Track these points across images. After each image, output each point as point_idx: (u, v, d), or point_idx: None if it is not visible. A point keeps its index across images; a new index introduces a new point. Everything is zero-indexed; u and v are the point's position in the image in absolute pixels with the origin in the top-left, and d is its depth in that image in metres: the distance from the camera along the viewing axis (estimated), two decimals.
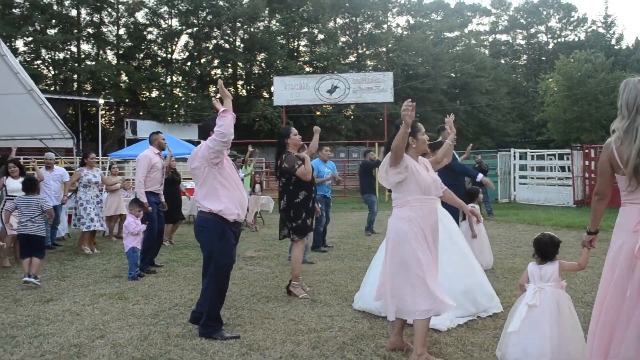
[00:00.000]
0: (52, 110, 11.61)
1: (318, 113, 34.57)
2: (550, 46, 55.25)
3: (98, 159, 11.05)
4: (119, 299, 5.73)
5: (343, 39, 43.52)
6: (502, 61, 55.00)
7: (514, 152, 18.76)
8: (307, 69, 37.71)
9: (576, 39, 52.88)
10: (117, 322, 4.89)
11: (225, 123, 4.24)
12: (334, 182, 9.29)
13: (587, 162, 16.81)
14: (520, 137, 46.29)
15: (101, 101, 24.36)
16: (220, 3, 35.45)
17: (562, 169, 17.88)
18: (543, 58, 55.28)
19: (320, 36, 39.47)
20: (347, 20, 43.33)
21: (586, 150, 16.99)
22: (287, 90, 22.22)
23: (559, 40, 55.27)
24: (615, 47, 48.54)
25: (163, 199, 7.69)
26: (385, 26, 45.98)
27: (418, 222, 3.75)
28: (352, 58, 42.89)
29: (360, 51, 44.28)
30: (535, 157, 19.08)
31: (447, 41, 48.09)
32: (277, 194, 6.22)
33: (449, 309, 3.74)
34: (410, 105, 3.55)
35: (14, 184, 7.95)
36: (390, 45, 43.57)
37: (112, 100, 28.65)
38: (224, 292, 4.57)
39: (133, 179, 12.40)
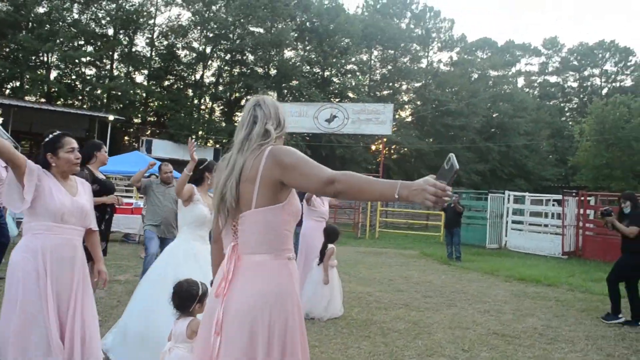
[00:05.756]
0: None
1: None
2: (605, 91, 52.69)
3: None
4: None
5: (378, 71, 43.13)
6: (551, 103, 52.96)
7: (509, 195, 17.43)
8: (335, 101, 37.38)
9: (633, 84, 50.22)
10: None
11: None
12: None
13: (582, 210, 15.34)
14: (562, 182, 43.92)
15: (111, 117, 24.76)
16: (252, 29, 35.86)
17: (559, 216, 16.38)
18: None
19: (350, 67, 39.09)
20: (380, 52, 42.91)
21: (582, 198, 15.52)
22: (286, 117, 21.74)
23: (614, 84, 52.75)
24: None
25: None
26: (424, 61, 45.28)
27: (38, 255, 3.02)
28: (385, 92, 42.23)
29: (396, 85, 43.62)
30: (531, 202, 17.68)
31: (493, 79, 46.75)
32: None
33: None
34: None
35: None
36: (424, 81, 42.71)
37: (122, 117, 29.16)
38: None
39: None
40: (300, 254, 6.82)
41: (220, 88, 37.78)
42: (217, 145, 34.49)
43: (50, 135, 3.28)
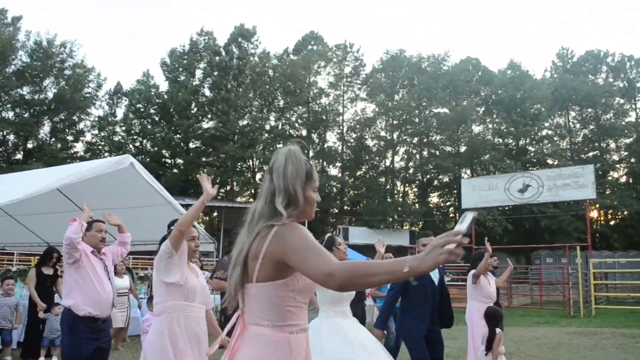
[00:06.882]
0: None
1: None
2: None
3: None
4: None
5: (579, 133, 40.05)
6: None
7: None
8: (534, 170, 35.33)
9: None
10: None
11: (70, 229, 4.41)
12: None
13: None
14: None
15: None
16: (436, 110, 36.38)
17: None
18: None
19: (545, 132, 36.90)
20: (578, 112, 39.91)
21: None
22: (475, 192, 21.02)
23: None
24: None
25: None
26: (632, 114, 40.86)
27: (177, 335, 3.40)
28: (590, 153, 38.71)
29: (602, 144, 39.78)
30: None
31: None
32: None
33: None
34: None
35: (119, 282, 8.98)
36: (636, 136, 38.29)
37: (318, 209, 31.18)
38: None
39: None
40: (469, 339, 6.27)
41: (411, 171, 38.42)
42: (413, 228, 34.59)
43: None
